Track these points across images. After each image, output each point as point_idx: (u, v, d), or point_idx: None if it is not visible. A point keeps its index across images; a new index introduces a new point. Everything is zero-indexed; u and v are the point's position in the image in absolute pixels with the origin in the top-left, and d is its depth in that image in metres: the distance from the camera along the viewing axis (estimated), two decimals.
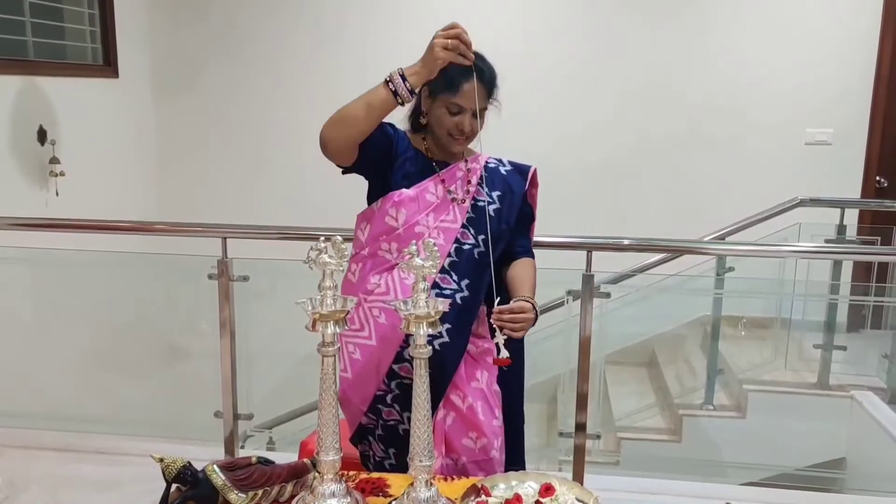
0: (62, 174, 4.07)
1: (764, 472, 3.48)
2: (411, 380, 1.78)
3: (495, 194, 1.94)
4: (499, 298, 1.74)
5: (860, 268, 4.31)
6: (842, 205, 4.10)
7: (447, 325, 1.79)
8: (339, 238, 1.46)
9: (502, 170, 1.99)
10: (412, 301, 1.46)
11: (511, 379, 1.97)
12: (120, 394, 3.68)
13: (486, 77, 1.85)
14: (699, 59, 4.72)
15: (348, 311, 1.46)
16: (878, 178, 4.70)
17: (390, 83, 1.77)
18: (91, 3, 4.56)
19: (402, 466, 1.68)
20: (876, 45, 4.57)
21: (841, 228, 4.03)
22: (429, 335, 1.76)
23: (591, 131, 4.73)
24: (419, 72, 1.76)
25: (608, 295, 2.76)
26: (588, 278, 2.57)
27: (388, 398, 1.86)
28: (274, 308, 3.27)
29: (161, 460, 1.55)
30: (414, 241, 1.53)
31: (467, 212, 1.89)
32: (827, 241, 3.93)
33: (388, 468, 1.90)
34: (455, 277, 1.84)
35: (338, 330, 1.45)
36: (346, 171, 1.91)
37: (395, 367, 1.84)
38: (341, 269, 1.45)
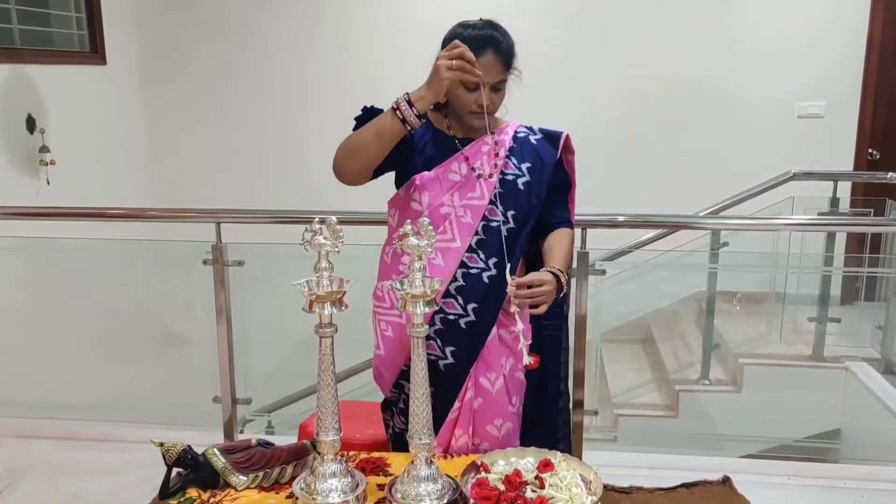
0: (52, 163, 4.05)
1: (761, 444, 3.51)
2: (437, 355, 1.81)
3: (524, 166, 1.87)
4: (508, 266, 1.70)
5: (853, 240, 4.32)
6: (835, 177, 4.10)
7: (473, 305, 1.78)
8: (334, 219, 1.45)
9: (532, 139, 1.91)
10: (408, 280, 1.45)
11: (548, 361, 1.93)
12: (118, 381, 3.68)
13: (502, 47, 1.77)
14: (690, 33, 4.71)
15: (345, 292, 1.45)
16: (870, 150, 4.70)
17: (398, 111, 1.70)
18: None
19: None
20: (867, 16, 4.56)
21: (834, 201, 4.03)
22: (455, 314, 1.80)
23: (584, 109, 4.72)
24: (425, 96, 1.70)
25: (603, 272, 2.76)
26: (583, 255, 2.57)
27: None
28: (270, 292, 3.27)
29: (161, 445, 1.55)
30: (409, 221, 1.51)
31: (495, 187, 1.83)
32: (820, 213, 3.93)
33: (406, 440, 1.92)
34: (482, 256, 1.81)
35: (335, 311, 1.45)
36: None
37: None
38: (337, 249, 1.44)
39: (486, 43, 1.74)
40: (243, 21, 5.03)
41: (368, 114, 1.83)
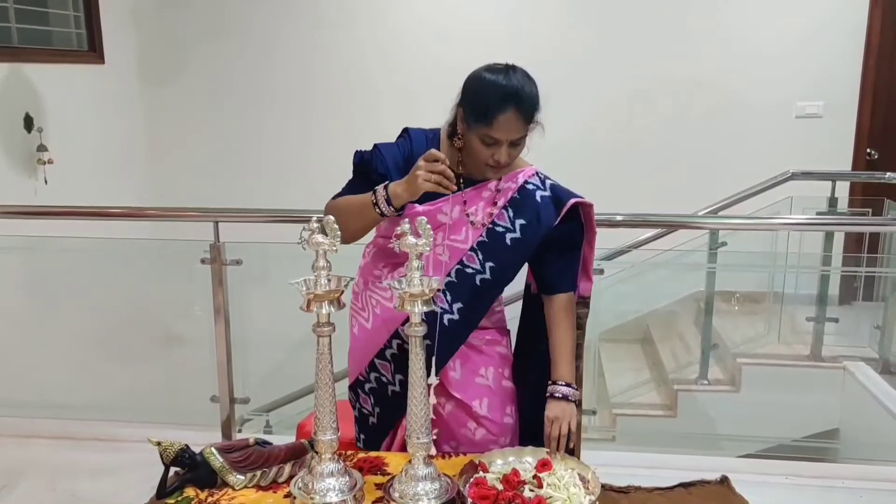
0: (50, 162, 4.05)
1: (759, 444, 3.52)
2: (388, 379, 1.82)
3: (519, 222, 1.78)
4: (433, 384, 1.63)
5: (851, 240, 4.33)
6: (833, 177, 4.10)
7: (428, 342, 1.69)
8: (332, 218, 1.45)
9: (538, 195, 1.80)
10: (406, 279, 1.45)
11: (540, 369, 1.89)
12: (116, 381, 3.68)
13: (524, 105, 1.68)
14: (690, 33, 4.71)
15: (342, 291, 1.45)
16: (868, 150, 4.71)
17: (376, 205, 1.68)
18: None
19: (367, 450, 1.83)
20: (865, 16, 4.56)
21: (832, 201, 4.04)
22: (405, 346, 1.74)
23: (584, 109, 4.72)
24: (401, 195, 1.66)
25: (602, 271, 2.77)
26: None
27: (367, 387, 1.88)
28: (268, 291, 3.27)
29: (159, 444, 1.55)
30: (406, 220, 1.51)
31: (480, 236, 1.77)
32: (818, 213, 3.94)
33: (356, 449, 1.92)
34: (448, 298, 1.77)
35: (332, 310, 1.45)
36: None
37: (377, 361, 1.84)
38: (334, 248, 1.44)
39: (509, 100, 1.66)
40: (243, 20, 5.02)
41: (360, 164, 1.81)
